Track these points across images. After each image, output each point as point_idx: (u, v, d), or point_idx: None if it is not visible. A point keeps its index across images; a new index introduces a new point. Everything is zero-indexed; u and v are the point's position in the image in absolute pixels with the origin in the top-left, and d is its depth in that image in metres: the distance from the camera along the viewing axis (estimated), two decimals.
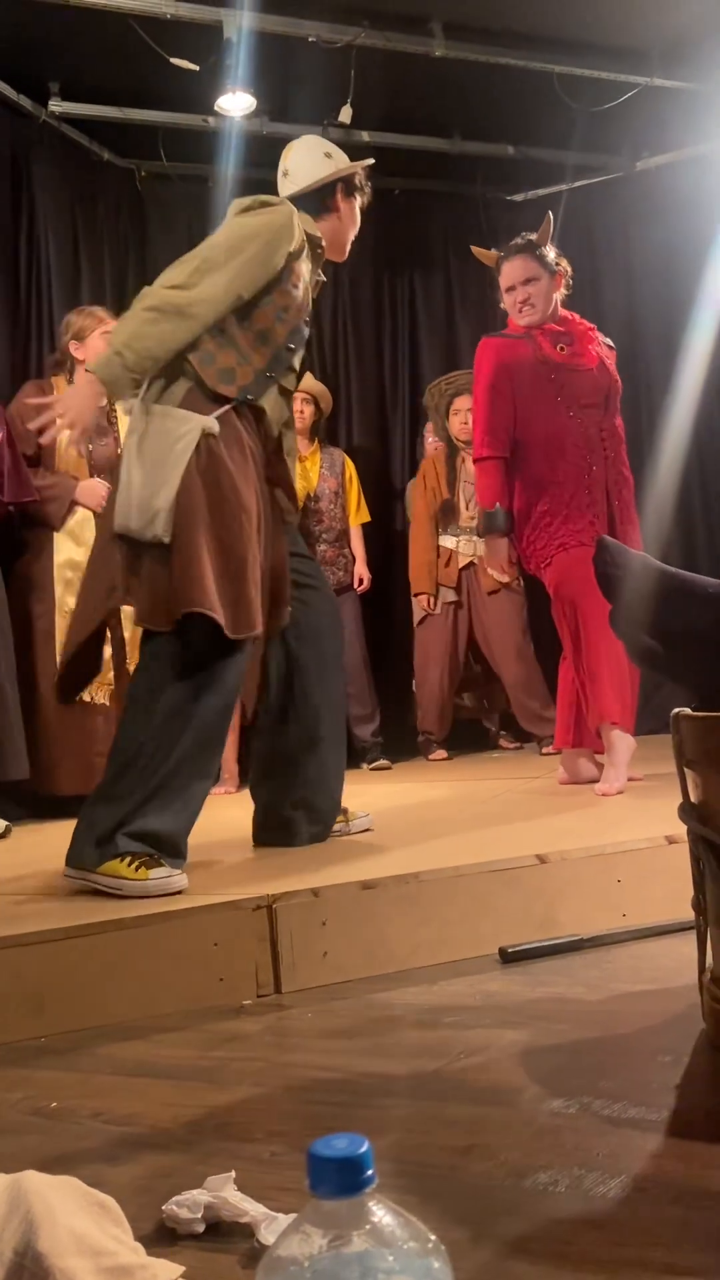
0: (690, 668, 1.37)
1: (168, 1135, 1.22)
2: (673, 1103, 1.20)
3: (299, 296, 2.37)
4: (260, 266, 2.27)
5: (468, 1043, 1.45)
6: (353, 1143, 0.56)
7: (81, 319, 3.70)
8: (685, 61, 4.39)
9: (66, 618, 3.47)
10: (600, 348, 3.39)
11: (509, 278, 3.32)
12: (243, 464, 2.24)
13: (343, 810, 2.52)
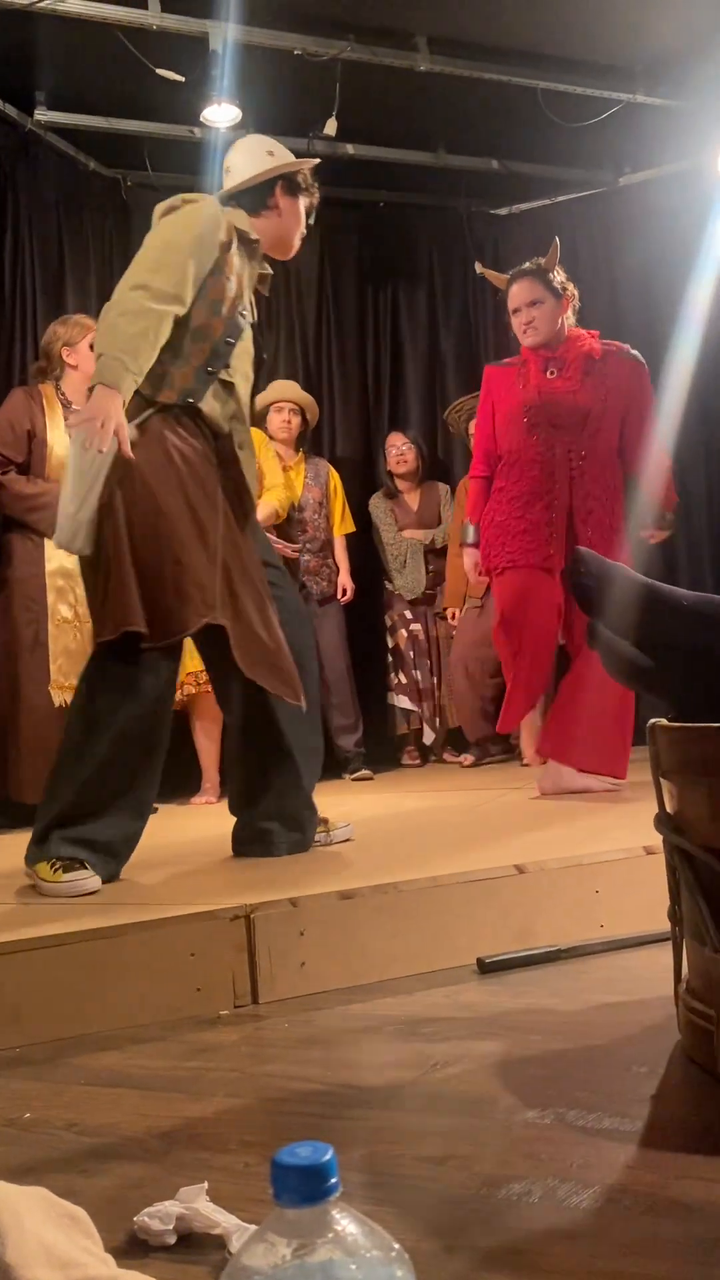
0: (667, 679, 1.38)
1: (140, 1146, 1.21)
2: (647, 1114, 1.20)
3: (233, 289, 2.37)
4: (198, 257, 2.30)
5: (444, 1054, 1.44)
6: (316, 1151, 0.56)
7: (69, 328, 3.70)
8: (667, 79, 4.43)
9: (60, 626, 3.46)
10: (614, 365, 3.42)
11: (515, 300, 3.42)
12: (165, 467, 2.25)
13: (323, 820, 2.51)
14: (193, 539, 2.25)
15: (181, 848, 2.61)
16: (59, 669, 3.45)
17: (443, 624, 4.92)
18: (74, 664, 3.46)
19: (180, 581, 2.21)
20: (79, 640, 3.49)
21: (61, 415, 3.61)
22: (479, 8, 4.02)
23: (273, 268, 2.57)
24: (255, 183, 2.47)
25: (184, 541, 2.23)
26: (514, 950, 1.87)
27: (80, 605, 3.47)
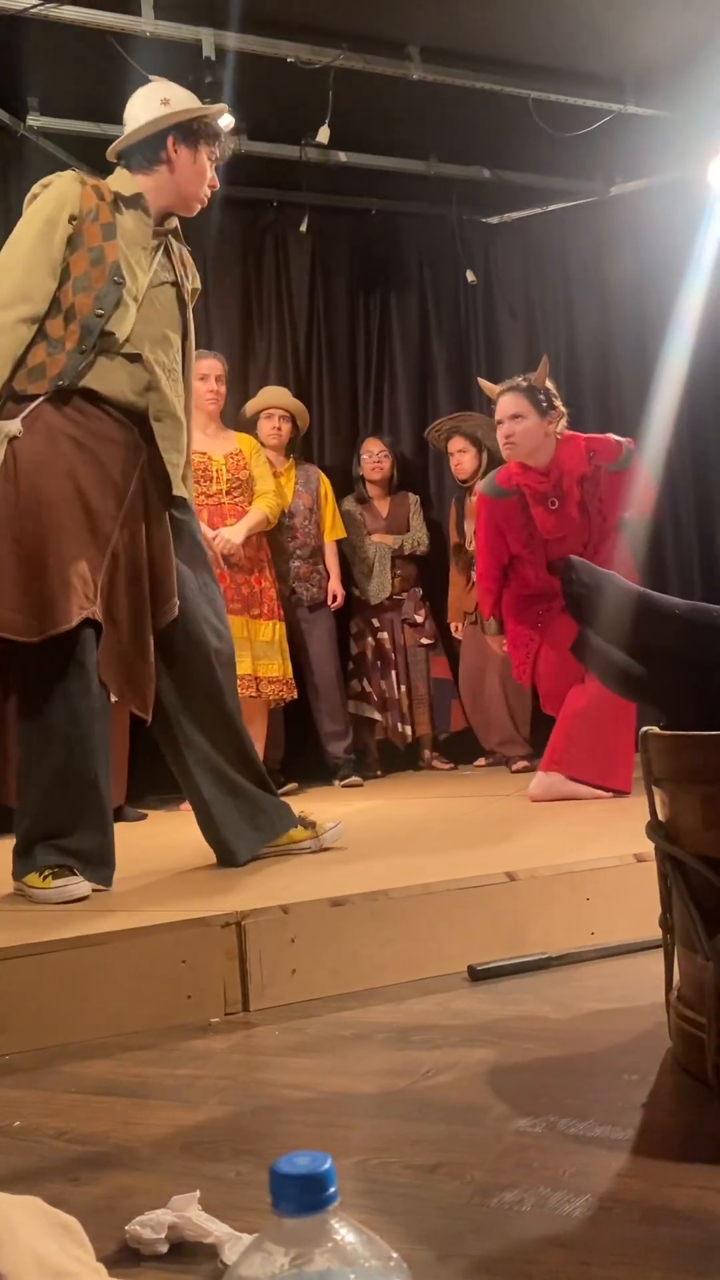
0: (659, 687, 1.39)
1: (132, 1154, 1.21)
2: (639, 1121, 1.20)
3: (99, 258, 2.25)
4: (47, 243, 2.23)
5: (435, 1061, 1.44)
6: (315, 1160, 0.56)
7: None
8: (658, 90, 4.46)
9: None
10: (607, 481, 3.55)
11: (500, 412, 3.53)
12: (50, 455, 2.18)
13: (311, 824, 2.49)
14: (79, 527, 2.17)
15: (171, 854, 2.60)
16: None
17: (410, 630, 4.92)
18: None
19: (63, 572, 2.13)
20: None
21: None
22: (472, 18, 4.03)
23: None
24: (141, 136, 2.35)
25: (68, 530, 2.15)
26: (505, 957, 1.88)
27: None
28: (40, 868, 2.12)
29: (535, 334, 5.37)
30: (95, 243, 2.26)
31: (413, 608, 4.94)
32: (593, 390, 5.23)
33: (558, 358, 5.31)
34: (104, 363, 2.24)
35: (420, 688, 4.90)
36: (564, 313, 5.34)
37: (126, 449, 2.27)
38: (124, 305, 2.25)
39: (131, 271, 2.29)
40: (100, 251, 2.26)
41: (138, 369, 2.27)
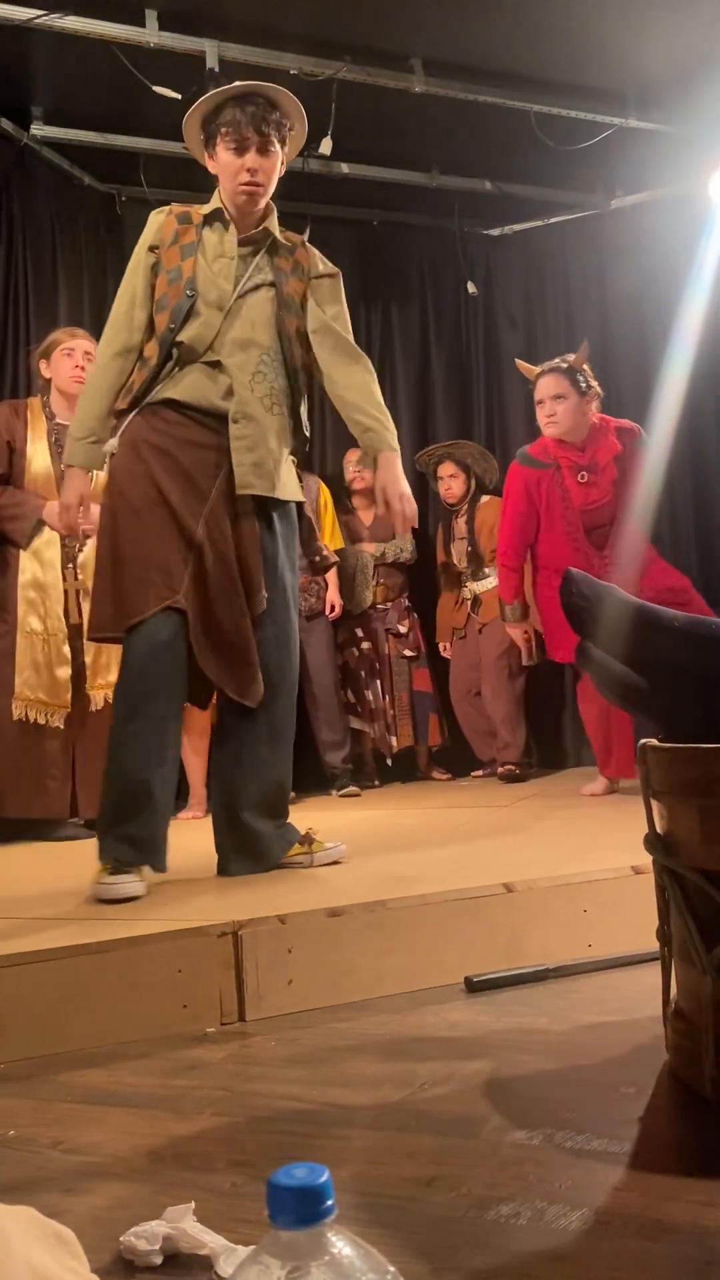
0: (658, 699, 1.39)
1: (127, 1165, 1.20)
2: (636, 1135, 1.20)
3: (174, 277, 2.37)
4: (133, 278, 2.42)
5: (432, 1073, 1.44)
6: (312, 1172, 0.56)
7: (45, 342, 3.71)
8: (659, 104, 4.48)
9: (29, 638, 3.45)
10: (628, 457, 3.76)
11: (541, 392, 3.75)
12: (135, 464, 2.32)
13: (308, 840, 2.49)
14: (163, 525, 2.29)
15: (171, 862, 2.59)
16: (24, 681, 3.43)
17: (393, 641, 4.91)
18: (39, 677, 3.45)
19: (144, 567, 2.27)
20: (46, 654, 3.47)
21: (45, 429, 3.61)
22: (475, 31, 4.05)
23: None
24: (202, 162, 2.46)
25: (151, 530, 2.28)
26: (502, 969, 1.87)
27: (50, 619, 3.47)
28: (105, 857, 2.21)
29: (535, 345, 5.38)
30: (174, 263, 2.38)
31: (397, 618, 4.92)
32: None
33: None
34: (186, 372, 2.35)
35: (404, 698, 4.90)
36: (564, 324, 5.35)
37: (210, 451, 2.36)
38: (197, 315, 2.35)
39: (212, 282, 2.37)
40: (178, 270, 2.37)
41: (219, 374, 2.36)
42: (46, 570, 3.49)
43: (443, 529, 5.00)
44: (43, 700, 3.44)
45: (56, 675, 3.46)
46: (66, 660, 3.49)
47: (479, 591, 4.80)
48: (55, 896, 2.27)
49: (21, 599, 3.46)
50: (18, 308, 4.29)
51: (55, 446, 3.59)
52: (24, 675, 3.42)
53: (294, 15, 3.90)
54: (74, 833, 3.48)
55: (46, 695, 3.45)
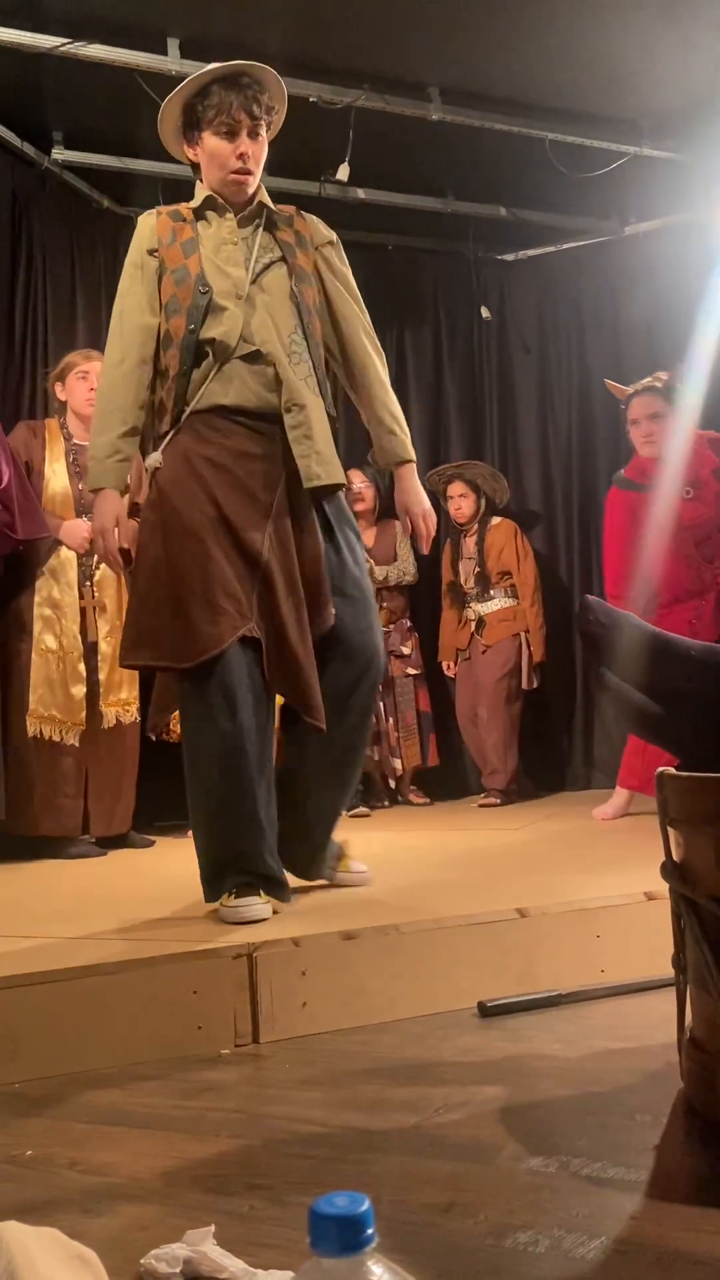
0: (676, 727, 1.40)
1: (144, 1186, 1.21)
2: (651, 1164, 1.20)
3: (181, 278, 2.25)
4: (135, 288, 2.29)
5: (446, 1098, 1.44)
6: (353, 1201, 0.57)
7: (61, 364, 3.74)
8: (673, 133, 4.51)
9: (44, 656, 3.47)
10: (716, 454, 3.80)
11: (635, 412, 3.82)
12: (189, 480, 2.19)
13: (341, 855, 2.45)
14: (225, 548, 2.16)
15: (181, 882, 2.60)
16: (38, 699, 3.45)
17: (397, 662, 4.90)
18: (54, 695, 3.47)
19: (212, 596, 2.13)
20: (61, 671, 3.49)
21: (63, 449, 3.65)
22: (491, 60, 4.09)
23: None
24: (172, 150, 2.38)
25: (215, 553, 2.15)
26: (516, 994, 1.88)
27: (65, 637, 3.50)
28: (229, 888, 2.11)
29: (548, 370, 5.41)
30: (178, 263, 2.26)
31: (399, 639, 4.91)
32: (605, 426, 5.26)
33: (570, 394, 5.35)
34: (223, 373, 2.21)
35: (409, 717, 4.87)
36: (577, 349, 5.38)
37: (266, 462, 2.23)
38: (217, 310, 2.22)
39: (222, 273, 2.25)
40: (184, 270, 2.25)
41: (259, 367, 2.22)
42: (63, 589, 3.52)
43: (450, 547, 4.99)
44: (57, 718, 3.46)
45: (71, 693, 3.48)
46: (81, 678, 3.51)
47: (483, 613, 4.81)
48: (69, 915, 2.28)
49: (37, 617, 3.49)
50: (36, 328, 4.33)
51: (73, 467, 3.62)
52: (38, 693, 3.44)
53: (314, 44, 3.95)
54: (85, 850, 3.49)
55: (61, 713, 3.46)
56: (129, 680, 3.68)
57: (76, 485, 3.60)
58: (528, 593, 4.79)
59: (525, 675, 4.76)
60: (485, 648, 4.77)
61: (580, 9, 3.76)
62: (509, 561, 4.82)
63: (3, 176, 4.23)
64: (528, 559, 4.84)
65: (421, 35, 3.93)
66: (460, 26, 3.87)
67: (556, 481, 5.35)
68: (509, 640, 4.76)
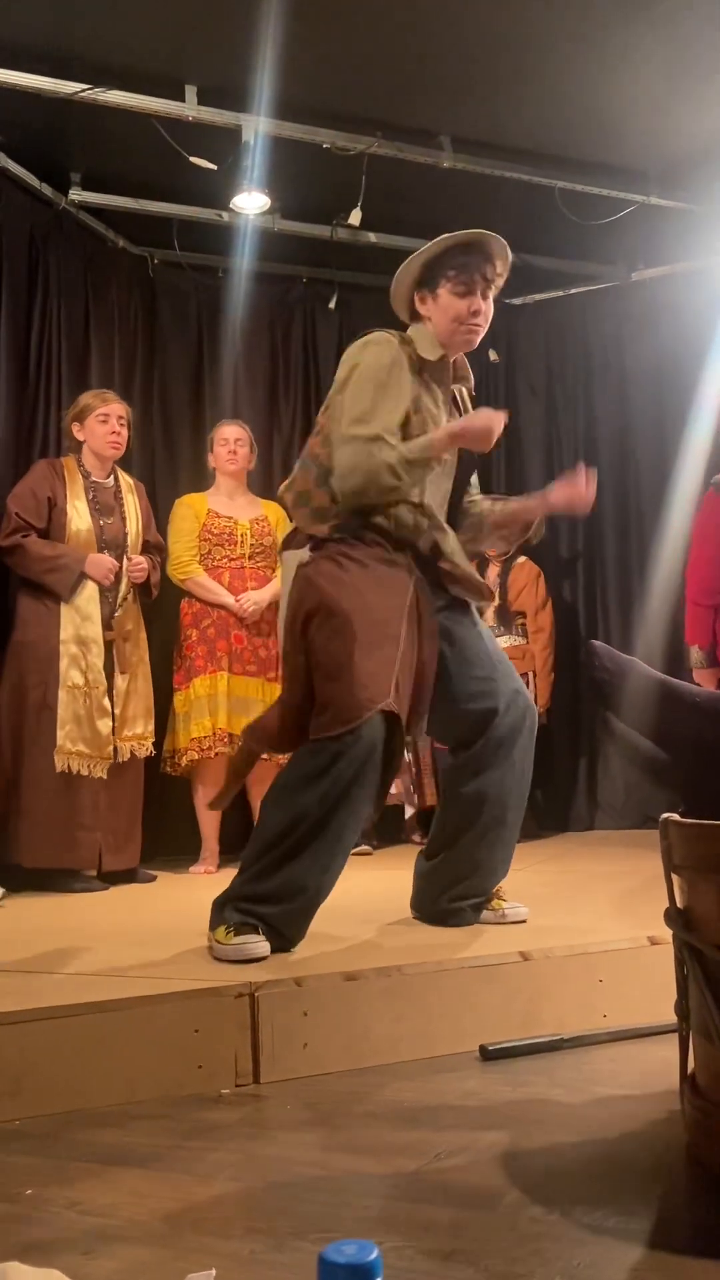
0: (681, 774, 1.41)
1: (144, 1228, 1.21)
2: (654, 1213, 1.20)
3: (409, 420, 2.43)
4: (395, 394, 2.43)
5: (448, 1143, 1.44)
6: (362, 1249, 0.57)
7: (78, 405, 3.78)
8: (681, 183, 4.58)
9: (70, 692, 3.49)
10: None
11: None
12: (339, 576, 2.31)
13: (497, 894, 2.50)
14: (370, 631, 2.25)
15: (184, 919, 2.59)
16: (66, 735, 3.46)
17: None
18: (82, 730, 3.49)
19: (354, 673, 2.20)
20: (87, 707, 3.51)
21: (82, 486, 3.68)
22: (502, 110, 4.17)
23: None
24: (400, 303, 2.58)
25: (360, 636, 2.23)
26: (518, 1038, 1.87)
27: (91, 672, 3.51)
28: (227, 923, 2.14)
29: (555, 413, 5.46)
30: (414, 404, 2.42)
31: None
32: (611, 469, 5.30)
33: (576, 437, 5.39)
34: (395, 509, 2.37)
35: (426, 755, 4.87)
36: (584, 393, 5.43)
37: (402, 569, 2.38)
38: None
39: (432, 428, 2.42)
40: (422, 418, 2.42)
41: (417, 514, 2.41)
42: (86, 624, 3.55)
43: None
44: (85, 753, 3.49)
45: (98, 727, 3.52)
46: (107, 712, 3.54)
47: None
48: (72, 951, 2.28)
49: (64, 653, 3.51)
50: (50, 366, 4.37)
51: (93, 504, 3.67)
52: (66, 729, 3.47)
53: (328, 92, 4.02)
54: (89, 885, 3.49)
55: (88, 747, 3.50)
56: (145, 714, 3.70)
57: (98, 522, 3.65)
58: (541, 638, 4.81)
59: None
60: None
61: (590, 60, 3.84)
62: (527, 603, 4.84)
63: (21, 216, 4.29)
64: (546, 607, 4.86)
65: (434, 85, 4.01)
66: (472, 77, 3.95)
67: (562, 523, 5.38)
68: None
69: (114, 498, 3.75)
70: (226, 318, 4.98)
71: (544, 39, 3.72)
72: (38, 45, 3.67)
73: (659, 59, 3.82)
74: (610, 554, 5.29)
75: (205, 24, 3.60)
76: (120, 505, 3.75)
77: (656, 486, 5.03)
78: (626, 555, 5.24)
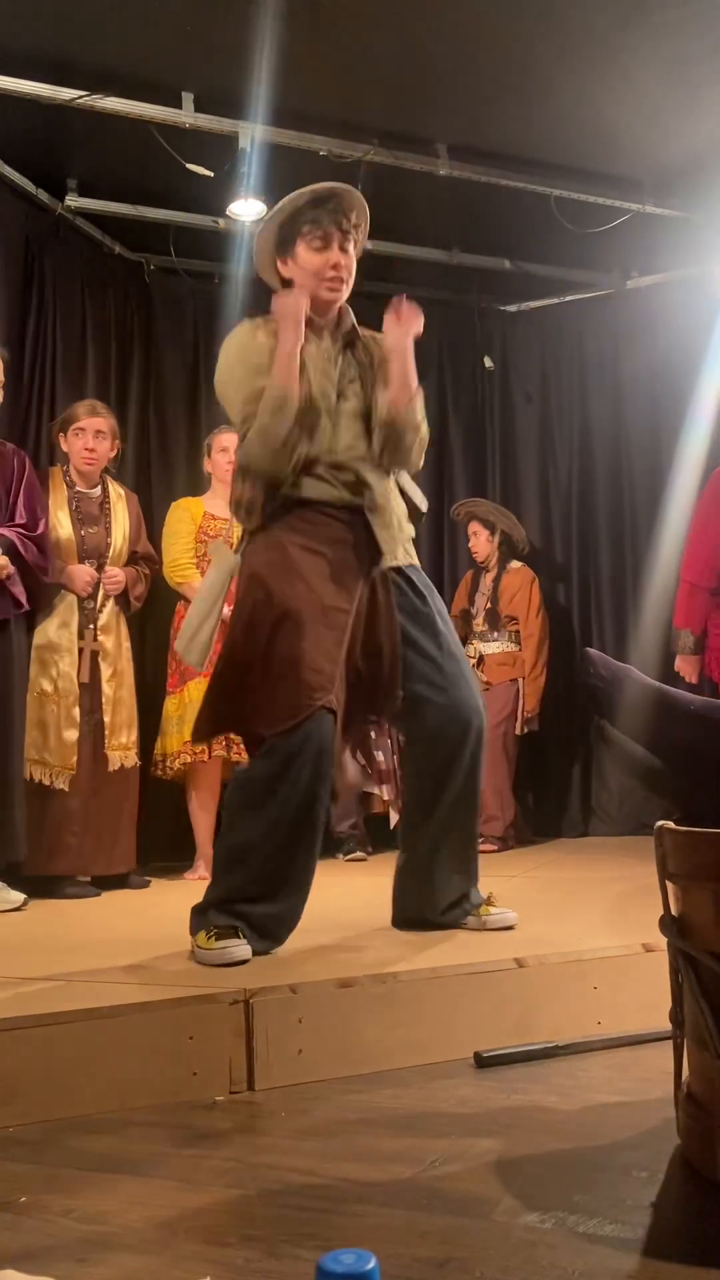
0: (676, 782, 1.41)
1: (138, 1236, 1.21)
2: (648, 1221, 1.20)
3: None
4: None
5: (442, 1150, 1.44)
6: (360, 1259, 0.57)
7: (70, 410, 3.76)
8: (676, 191, 4.60)
9: (38, 699, 3.47)
10: None
11: None
12: (282, 563, 2.30)
13: (486, 900, 2.47)
14: (315, 625, 2.25)
15: (178, 924, 2.59)
16: (31, 742, 3.44)
17: None
18: (46, 739, 3.48)
19: (297, 669, 2.21)
20: (55, 715, 3.50)
21: (66, 496, 3.69)
22: (498, 118, 4.19)
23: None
24: (266, 273, 2.51)
25: (304, 630, 2.23)
26: (512, 1045, 1.87)
27: (61, 679, 3.51)
28: (208, 927, 2.16)
29: (549, 420, 5.48)
30: None
31: None
32: (605, 476, 5.33)
33: (570, 444, 5.41)
34: (311, 478, 2.35)
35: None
36: (578, 401, 5.45)
37: (356, 549, 2.36)
38: (308, 424, 2.34)
39: (322, 391, 2.38)
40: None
41: (344, 473, 2.37)
42: (60, 632, 3.54)
43: (471, 578, 5.03)
44: (48, 761, 3.47)
45: (64, 737, 3.50)
46: (75, 722, 3.52)
47: (485, 652, 4.83)
48: (65, 957, 2.28)
49: (35, 659, 3.50)
50: (45, 372, 4.38)
51: (75, 514, 3.68)
52: (30, 736, 3.44)
53: (325, 100, 4.04)
54: (81, 890, 3.48)
55: (52, 757, 3.47)
56: (129, 724, 3.69)
57: (79, 531, 3.65)
58: (531, 645, 4.81)
59: (519, 721, 4.76)
60: (486, 688, 4.77)
61: (586, 69, 3.86)
62: (519, 608, 4.85)
63: (17, 222, 4.30)
64: (538, 612, 4.88)
65: (431, 93, 4.03)
66: (468, 85, 3.97)
67: (556, 530, 5.40)
68: (507, 684, 4.79)
69: (99, 507, 3.75)
70: (222, 324, 4.98)
71: (540, 48, 3.74)
72: (35, 51, 3.68)
73: (655, 68, 3.84)
74: (604, 560, 5.31)
75: (203, 31, 3.61)
76: (106, 515, 3.75)
77: (651, 493, 5.05)
78: (620, 561, 5.26)
